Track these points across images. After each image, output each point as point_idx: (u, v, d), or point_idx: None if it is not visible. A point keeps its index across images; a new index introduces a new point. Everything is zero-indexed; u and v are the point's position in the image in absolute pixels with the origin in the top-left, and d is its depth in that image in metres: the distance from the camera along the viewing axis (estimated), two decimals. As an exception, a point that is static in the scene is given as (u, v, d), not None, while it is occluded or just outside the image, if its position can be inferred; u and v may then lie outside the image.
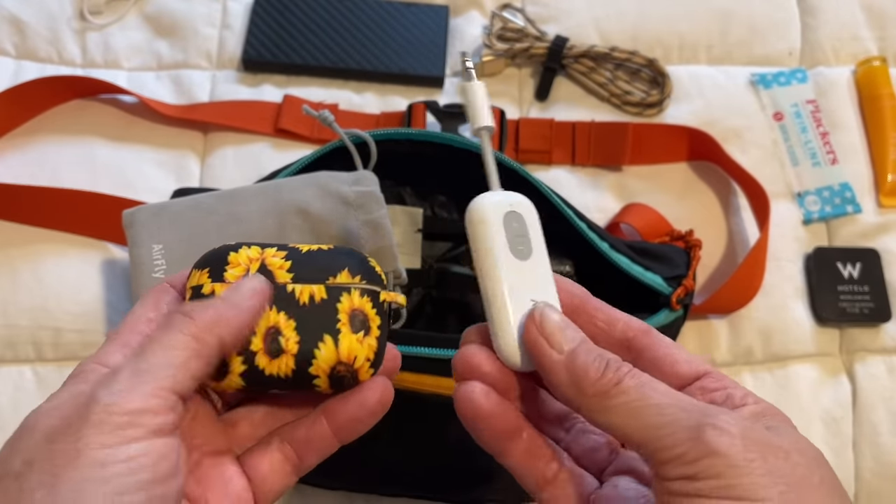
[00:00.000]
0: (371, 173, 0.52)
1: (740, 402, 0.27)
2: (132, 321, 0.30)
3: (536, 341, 0.29)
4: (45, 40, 0.69)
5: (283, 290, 0.31)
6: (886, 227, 0.65)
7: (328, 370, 0.30)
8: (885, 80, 0.69)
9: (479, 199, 0.31)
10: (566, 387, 0.28)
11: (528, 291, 0.30)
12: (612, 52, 0.68)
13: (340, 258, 0.32)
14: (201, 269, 0.31)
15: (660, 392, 0.26)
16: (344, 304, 0.31)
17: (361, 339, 0.31)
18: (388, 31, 0.70)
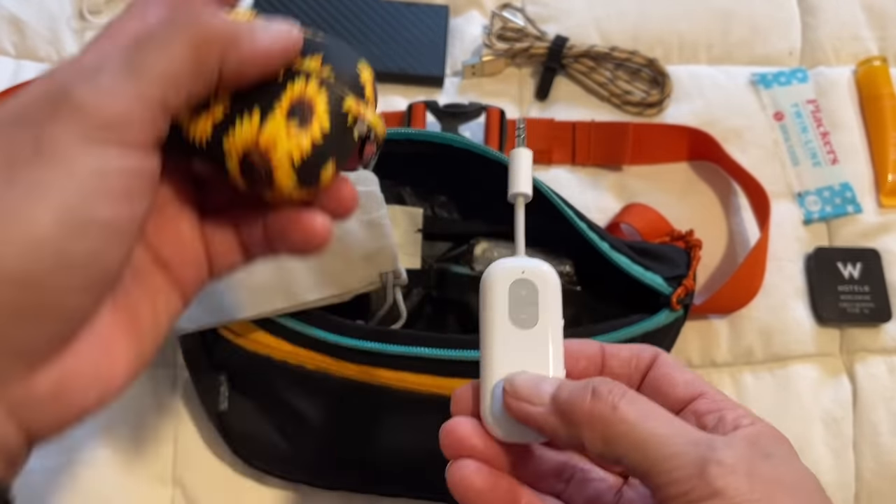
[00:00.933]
0: (371, 173, 0.52)
1: (732, 426, 0.27)
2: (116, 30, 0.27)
3: (518, 407, 0.28)
4: (44, 40, 0.69)
5: None
6: (887, 227, 0.65)
7: (241, 150, 0.26)
8: (886, 80, 0.69)
9: (494, 264, 0.30)
10: (562, 430, 0.27)
11: (522, 362, 0.29)
12: (612, 51, 0.68)
13: (324, 45, 0.27)
14: None
15: (661, 421, 0.26)
16: (294, 90, 0.26)
17: (291, 131, 0.26)
18: (388, 31, 0.70)
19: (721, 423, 0.27)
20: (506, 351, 0.29)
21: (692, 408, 0.28)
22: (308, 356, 0.49)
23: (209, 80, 0.25)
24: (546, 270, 0.30)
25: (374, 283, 0.49)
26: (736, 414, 0.27)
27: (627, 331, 0.51)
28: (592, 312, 0.56)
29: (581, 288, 0.57)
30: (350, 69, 0.27)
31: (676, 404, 0.29)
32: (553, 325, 0.30)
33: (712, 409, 0.28)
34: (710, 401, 0.28)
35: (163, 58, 0.23)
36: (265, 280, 0.48)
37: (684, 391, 0.29)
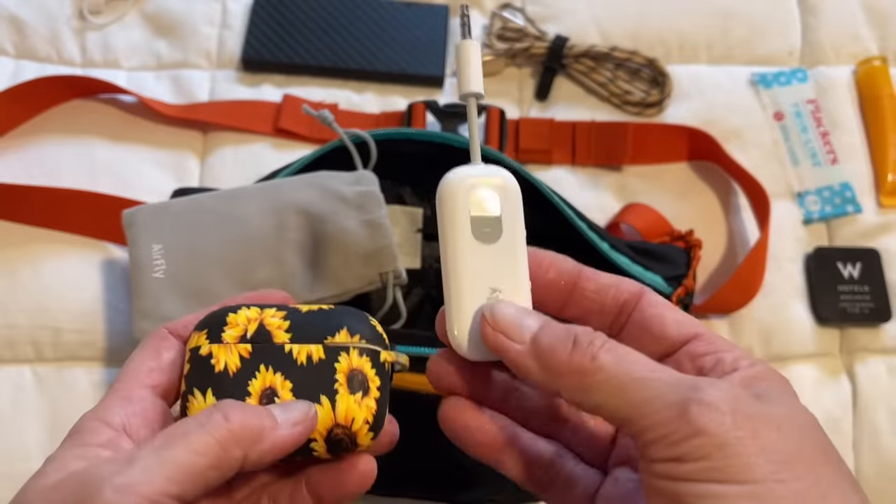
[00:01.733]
0: (371, 173, 0.52)
1: (731, 368, 0.25)
2: (133, 371, 0.30)
3: (495, 339, 0.27)
4: (44, 40, 0.69)
5: (281, 351, 0.30)
6: (887, 226, 0.65)
7: (325, 433, 0.30)
8: (886, 80, 0.69)
9: (450, 173, 0.28)
10: (539, 374, 0.26)
11: (488, 278, 0.28)
12: (612, 51, 0.68)
13: (340, 317, 0.31)
14: (200, 331, 0.31)
15: (640, 365, 0.25)
16: (342, 364, 0.30)
17: (360, 401, 0.30)
18: (388, 31, 0.70)
19: (719, 364, 0.26)
20: (472, 268, 0.28)
21: (687, 350, 0.27)
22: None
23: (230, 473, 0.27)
24: (507, 178, 0.29)
25: (374, 283, 0.49)
26: (734, 355, 0.26)
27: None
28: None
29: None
30: (370, 329, 0.31)
31: (669, 346, 0.27)
32: (517, 236, 0.29)
33: (709, 350, 0.26)
34: (706, 342, 0.27)
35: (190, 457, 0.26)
36: (265, 279, 0.48)
37: (677, 332, 0.27)
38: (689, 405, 0.23)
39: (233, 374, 0.30)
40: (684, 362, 0.27)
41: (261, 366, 0.30)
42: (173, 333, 0.32)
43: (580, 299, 0.29)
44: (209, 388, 0.30)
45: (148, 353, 0.30)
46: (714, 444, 0.22)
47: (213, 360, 0.30)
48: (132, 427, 0.28)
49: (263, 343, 0.31)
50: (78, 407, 0.56)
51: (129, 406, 0.28)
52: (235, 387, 0.30)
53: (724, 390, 0.23)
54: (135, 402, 0.29)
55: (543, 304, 0.30)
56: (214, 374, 0.30)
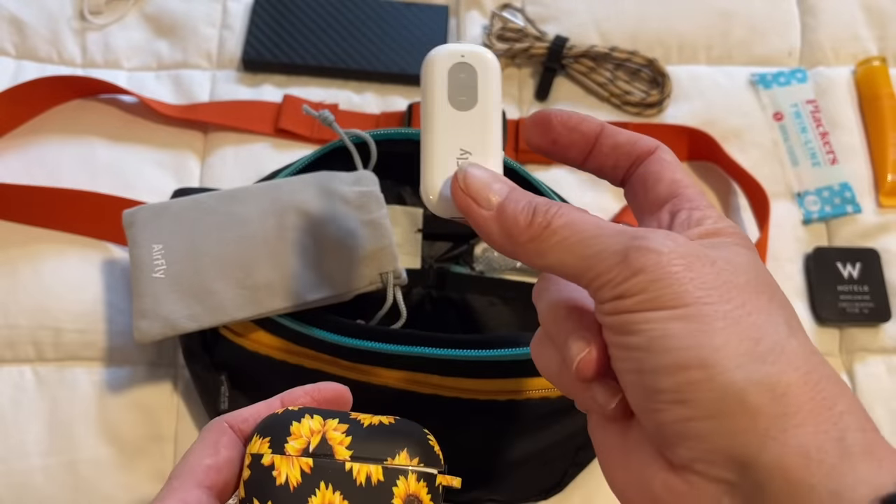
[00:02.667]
0: (371, 173, 0.52)
1: (696, 223, 0.27)
2: (191, 468, 0.29)
3: (464, 201, 0.29)
4: (45, 40, 0.69)
5: (342, 468, 0.31)
6: (886, 226, 0.65)
7: None
8: (885, 80, 0.69)
9: (434, 49, 0.31)
10: (500, 238, 0.28)
11: (460, 141, 0.30)
12: (612, 52, 0.68)
13: (400, 437, 0.32)
14: (263, 437, 0.31)
15: (589, 224, 0.26)
16: (400, 489, 0.31)
17: None
18: (388, 31, 0.70)
19: (687, 220, 0.28)
20: (445, 130, 0.30)
21: (668, 207, 0.29)
22: (308, 356, 0.49)
23: None
24: (485, 53, 0.31)
25: (375, 283, 0.49)
26: (703, 214, 0.28)
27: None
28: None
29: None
30: (428, 451, 0.32)
31: (656, 202, 0.29)
32: (491, 106, 0.30)
33: (685, 207, 0.28)
34: (686, 200, 0.29)
35: None
36: (265, 280, 0.48)
37: (666, 190, 0.29)
38: (629, 251, 0.25)
39: (293, 488, 0.30)
40: (664, 217, 0.29)
41: (321, 483, 0.30)
42: (232, 427, 0.31)
43: (598, 154, 0.31)
44: (269, 500, 0.30)
45: (207, 448, 0.30)
46: (650, 279, 0.24)
47: (275, 472, 0.30)
48: None
49: (325, 458, 0.31)
50: (78, 407, 0.56)
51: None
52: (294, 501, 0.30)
53: (664, 236, 0.25)
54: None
55: (566, 158, 0.31)
56: (275, 487, 0.30)
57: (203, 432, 0.31)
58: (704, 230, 0.27)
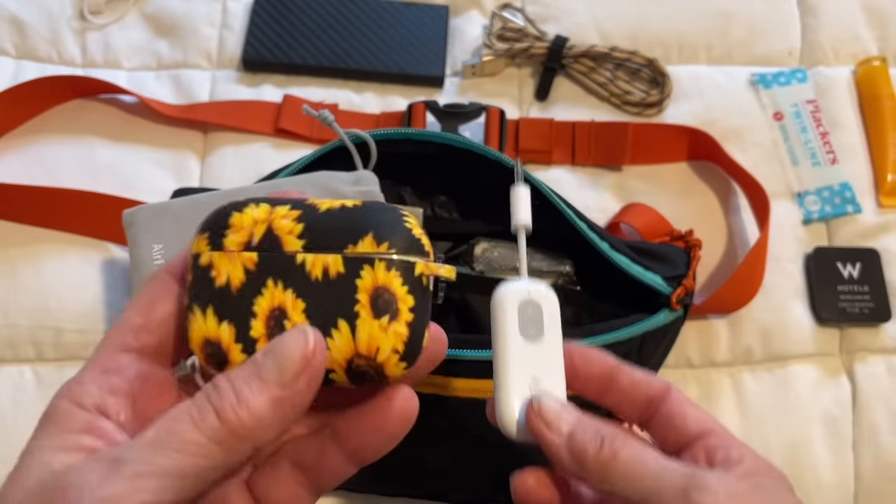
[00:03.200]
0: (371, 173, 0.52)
1: (736, 461, 0.30)
2: (116, 333, 0.27)
3: (538, 427, 0.31)
4: (45, 40, 0.69)
5: (292, 262, 0.26)
6: (886, 226, 0.65)
7: (344, 364, 0.26)
8: (885, 81, 0.69)
9: (502, 285, 0.34)
10: (569, 463, 0.31)
11: (532, 370, 0.33)
12: (612, 51, 0.68)
13: (366, 218, 0.26)
14: (202, 233, 0.27)
15: (651, 459, 0.29)
16: (365, 281, 0.25)
17: (386, 326, 0.25)
18: (388, 31, 0.70)
19: (727, 458, 0.30)
20: (518, 360, 0.33)
21: (702, 443, 0.31)
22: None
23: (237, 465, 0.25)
24: (548, 291, 0.34)
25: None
26: (741, 452, 0.30)
27: (627, 330, 0.51)
28: (592, 312, 0.56)
29: (581, 288, 0.57)
30: (403, 234, 0.26)
31: (688, 439, 0.32)
32: (555, 336, 0.33)
33: (721, 445, 0.31)
34: (718, 437, 0.31)
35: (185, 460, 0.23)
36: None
37: (696, 427, 0.32)
38: (689, 491, 0.28)
39: (236, 289, 0.26)
40: (699, 453, 0.31)
41: (268, 280, 0.26)
42: (173, 275, 0.28)
43: (616, 391, 0.34)
44: (210, 304, 0.26)
45: (138, 308, 0.27)
46: None
47: (214, 273, 0.26)
48: (109, 405, 0.25)
49: (272, 252, 0.26)
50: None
51: (106, 380, 0.25)
52: (239, 305, 0.26)
53: (719, 478, 0.28)
54: (111, 374, 0.26)
55: (586, 392, 0.34)
56: (215, 289, 0.26)
57: (140, 286, 0.29)
58: (746, 469, 0.29)
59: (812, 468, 0.58)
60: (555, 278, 0.57)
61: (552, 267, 0.57)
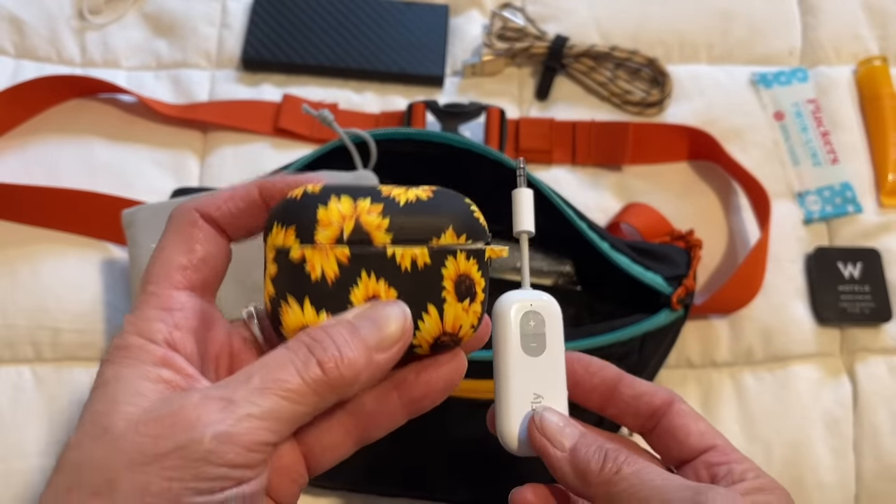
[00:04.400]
0: (371, 173, 0.52)
1: (739, 478, 0.30)
2: (165, 271, 0.28)
3: (540, 442, 0.31)
4: (44, 39, 0.69)
5: (383, 255, 0.28)
6: (887, 226, 0.65)
7: (432, 341, 0.29)
8: (886, 80, 0.69)
9: (503, 296, 0.33)
10: (572, 479, 0.30)
11: (533, 386, 0.32)
12: (612, 51, 0.68)
13: (443, 212, 0.29)
14: (286, 226, 0.27)
15: (655, 475, 0.29)
16: (449, 270, 0.28)
17: (467, 307, 0.29)
18: (388, 31, 0.70)
19: (730, 474, 0.30)
20: (520, 375, 0.32)
21: (704, 458, 0.31)
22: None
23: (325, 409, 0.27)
24: (551, 302, 0.33)
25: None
26: (743, 467, 0.30)
27: (628, 330, 0.51)
28: (592, 312, 0.56)
29: (581, 288, 0.57)
30: (474, 223, 0.29)
31: (690, 453, 0.32)
32: (558, 351, 0.33)
33: (723, 461, 0.31)
34: (721, 453, 0.31)
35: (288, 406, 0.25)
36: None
37: (698, 442, 0.32)
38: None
39: (332, 282, 0.27)
40: (701, 469, 0.31)
41: (362, 272, 0.27)
42: (204, 216, 0.29)
43: (619, 402, 0.34)
44: (306, 296, 0.27)
45: (179, 247, 0.28)
46: None
47: (308, 267, 0.27)
48: (178, 341, 0.27)
49: (363, 245, 0.27)
50: (78, 407, 0.56)
51: (171, 317, 0.27)
52: (336, 297, 0.27)
53: (723, 495, 0.28)
54: (175, 312, 0.27)
55: (588, 402, 0.34)
56: (311, 283, 0.27)
57: (171, 225, 0.29)
58: (750, 486, 0.30)
59: (813, 469, 0.58)
60: (555, 278, 0.57)
61: (552, 267, 0.57)
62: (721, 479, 0.30)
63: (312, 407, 0.26)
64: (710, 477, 0.31)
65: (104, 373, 0.26)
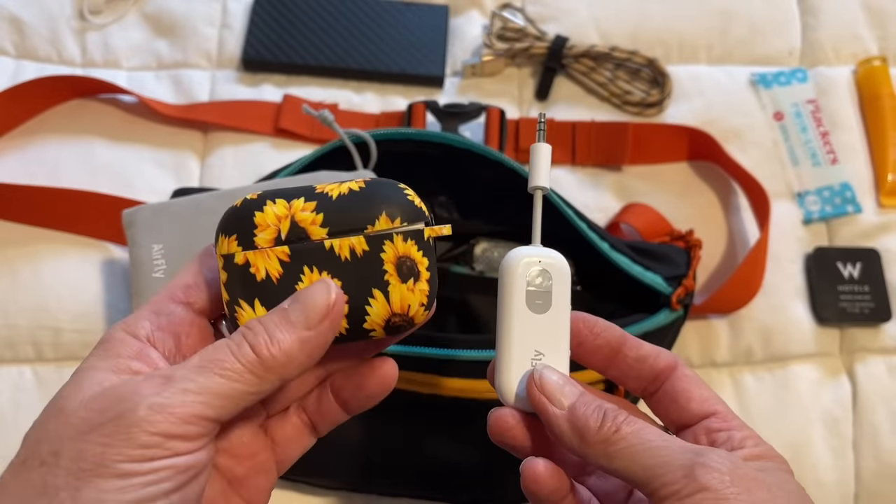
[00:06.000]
0: (371, 173, 0.52)
1: (739, 445, 0.30)
2: (170, 288, 0.30)
3: (539, 400, 0.31)
4: (44, 40, 0.69)
5: (321, 248, 0.29)
6: (887, 226, 0.65)
7: (383, 324, 0.30)
8: (886, 80, 0.69)
9: (512, 251, 0.33)
10: (570, 437, 0.30)
11: (535, 343, 0.32)
12: (612, 51, 0.68)
13: (375, 200, 0.30)
14: (228, 235, 0.29)
15: (655, 435, 0.29)
16: (388, 254, 0.29)
17: (412, 287, 0.30)
18: (388, 31, 0.70)
19: (730, 440, 0.30)
20: (522, 331, 0.32)
21: (705, 424, 0.31)
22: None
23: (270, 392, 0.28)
24: (560, 260, 0.33)
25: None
26: (743, 434, 0.30)
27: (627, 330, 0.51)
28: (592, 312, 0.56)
29: (581, 288, 0.57)
30: (408, 205, 0.30)
31: (691, 418, 0.32)
32: (563, 310, 0.33)
33: (724, 427, 0.31)
34: (721, 419, 0.31)
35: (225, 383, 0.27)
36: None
37: (699, 407, 0.32)
38: (694, 467, 0.27)
39: (277, 280, 0.29)
40: (701, 434, 0.31)
41: (304, 267, 0.29)
42: None
43: (622, 364, 0.33)
44: (255, 298, 0.29)
45: (189, 272, 0.31)
46: (715, 497, 0.27)
47: (252, 269, 0.29)
48: (157, 339, 0.29)
49: (301, 242, 0.29)
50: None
51: (156, 318, 0.29)
52: (284, 294, 0.29)
53: (723, 457, 0.28)
54: (162, 316, 0.29)
55: (591, 363, 0.34)
56: (257, 283, 0.29)
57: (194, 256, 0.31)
58: (750, 453, 0.30)
59: (812, 468, 0.58)
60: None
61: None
62: (721, 446, 0.30)
63: (253, 387, 0.27)
64: (710, 442, 0.31)
65: (83, 363, 0.28)
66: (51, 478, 0.25)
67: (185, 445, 0.26)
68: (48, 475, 0.25)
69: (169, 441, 0.25)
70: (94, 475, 0.25)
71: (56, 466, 0.25)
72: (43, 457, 0.26)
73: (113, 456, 0.25)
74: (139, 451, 0.25)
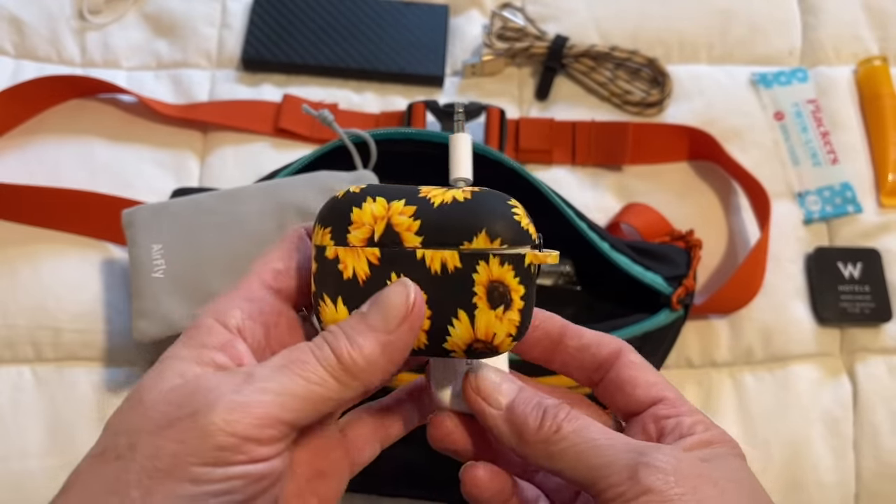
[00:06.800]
0: (371, 173, 0.52)
1: (688, 431, 0.29)
2: (258, 271, 0.29)
3: (475, 401, 0.30)
4: (44, 40, 0.69)
5: (412, 257, 0.28)
6: (887, 226, 0.65)
7: (464, 346, 0.28)
8: (886, 80, 0.69)
9: None
10: (509, 438, 0.29)
11: None
12: (612, 51, 0.68)
13: (478, 215, 0.28)
14: (324, 227, 0.28)
15: (599, 433, 0.28)
16: (481, 276, 0.27)
17: (501, 316, 0.27)
18: (388, 31, 0.70)
19: (678, 427, 0.29)
20: None
21: (653, 411, 0.30)
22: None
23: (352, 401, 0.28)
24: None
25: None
26: (693, 420, 0.29)
27: (628, 330, 0.51)
28: (592, 312, 0.56)
29: (581, 288, 0.57)
30: (513, 228, 0.28)
31: (637, 406, 0.30)
32: None
33: (671, 413, 0.29)
34: (669, 406, 0.30)
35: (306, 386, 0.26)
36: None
37: (646, 394, 0.30)
38: (638, 468, 0.26)
39: (362, 282, 0.28)
40: (649, 422, 0.30)
41: (391, 273, 0.28)
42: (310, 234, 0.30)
43: (563, 354, 0.32)
44: (339, 295, 0.28)
45: (278, 255, 0.30)
46: (660, 500, 0.26)
47: (341, 266, 0.28)
48: (247, 329, 0.28)
49: (393, 247, 0.28)
50: (78, 407, 0.56)
51: (248, 306, 0.28)
52: (366, 296, 0.28)
53: (667, 454, 0.27)
54: (254, 303, 0.28)
55: (532, 355, 0.32)
56: (343, 281, 0.28)
57: (283, 236, 0.30)
58: (698, 440, 0.28)
59: (813, 468, 0.58)
60: (555, 278, 0.57)
61: (552, 267, 0.57)
62: (669, 433, 0.29)
63: (334, 392, 0.26)
64: (658, 430, 0.29)
65: (168, 350, 0.27)
66: (124, 474, 0.24)
67: (261, 451, 0.25)
68: (122, 471, 0.24)
69: (245, 444, 0.24)
70: (167, 476, 0.24)
71: (132, 461, 0.24)
72: (120, 450, 0.25)
73: (187, 457, 0.24)
74: (214, 452, 0.24)
